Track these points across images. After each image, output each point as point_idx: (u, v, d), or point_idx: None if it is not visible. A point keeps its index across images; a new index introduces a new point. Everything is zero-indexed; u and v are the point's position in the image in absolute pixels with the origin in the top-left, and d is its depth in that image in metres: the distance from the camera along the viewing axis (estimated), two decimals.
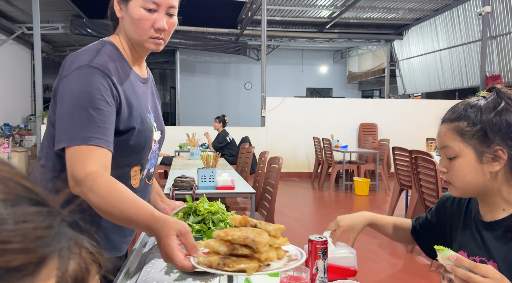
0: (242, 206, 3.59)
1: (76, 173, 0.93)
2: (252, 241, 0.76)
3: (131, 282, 1.22)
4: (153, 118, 1.20)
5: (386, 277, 3.13)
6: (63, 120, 0.98)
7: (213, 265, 0.79)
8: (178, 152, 6.07)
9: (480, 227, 1.00)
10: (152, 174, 1.29)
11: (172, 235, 0.86)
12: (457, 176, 0.96)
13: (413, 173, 3.98)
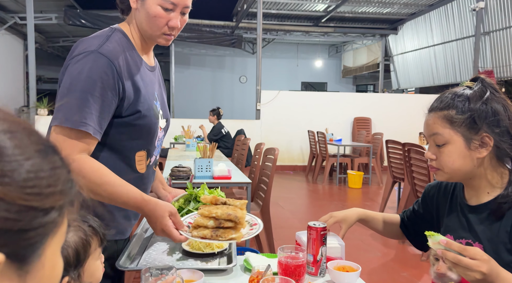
0: (237, 196, 3.63)
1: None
2: (235, 217, 1.02)
3: (134, 263, 1.26)
4: (159, 106, 1.23)
5: (378, 266, 3.20)
6: (61, 101, 1.01)
7: (207, 236, 1.02)
8: (173, 144, 6.08)
9: (466, 211, 1.06)
10: (157, 161, 1.31)
11: (166, 216, 1.05)
12: (446, 162, 0.99)
13: (405, 165, 4.05)
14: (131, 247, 1.31)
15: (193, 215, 1.23)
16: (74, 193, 0.38)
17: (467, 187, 1.07)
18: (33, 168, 0.33)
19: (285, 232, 3.85)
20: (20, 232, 0.32)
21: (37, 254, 0.34)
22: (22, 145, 0.33)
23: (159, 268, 0.94)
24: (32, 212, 0.32)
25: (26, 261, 0.33)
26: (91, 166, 1.01)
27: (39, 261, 0.34)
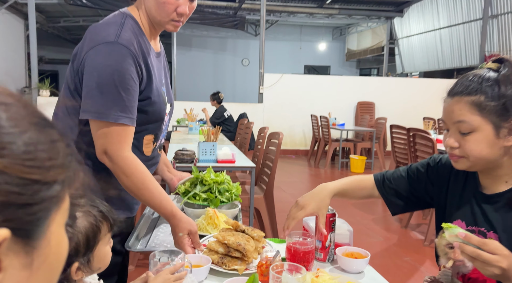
0: (241, 180, 3.62)
1: (111, 152, 1.06)
2: (243, 249, 1.03)
3: (142, 244, 1.26)
4: (165, 92, 1.25)
5: (380, 251, 3.21)
6: (93, 94, 1.03)
7: (214, 262, 1.05)
8: (175, 127, 6.06)
9: (480, 200, 1.02)
10: (162, 144, 1.32)
11: (185, 234, 1.12)
12: (472, 151, 0.93)
13: (410, 151, 4.03)
14: (139, 228, 1.31)
15: (211, 237, 1.25)
16: (74, 168, 0.38)
17: (484, 175, 1.02)
18: (31, 140, 0.32)
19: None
20: (24, 206, 0.31)
21: (42, 230, 0.34)
22: (17, 117, 0.33)
23: (167, 252, 0.93)
24: (34, 185, 0.32)
25: (32, 237, 0.33)
26: (136, 168, 1.08)
27: (45, 237, 0.35)
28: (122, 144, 1.07)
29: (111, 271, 1.18)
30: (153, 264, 0.88)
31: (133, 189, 1.09)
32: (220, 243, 1.07)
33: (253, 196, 2.84)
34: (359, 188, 1.23)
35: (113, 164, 1.07)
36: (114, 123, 1.05)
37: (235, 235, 1.08)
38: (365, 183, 1.24)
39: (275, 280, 0.87)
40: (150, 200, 1.10)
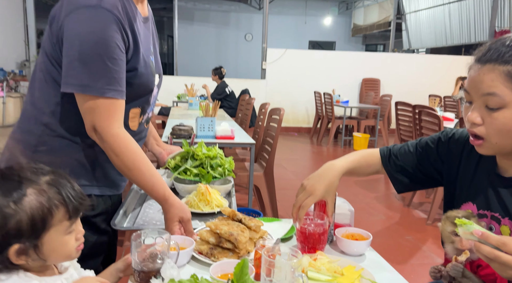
0: (241, 157, 3.55)
1: (100, 129, 0.98)
2: (234, 239, 0.94)
3: (130, 221, 1.19)
4: (154, 61, 1.15)
5: (382, 229, 3.17)
6: (75, 65, 0.94)
7: (203, 253, 0.97)
8: (176, 103, 5.95)
9: (496, 182, 0.92)
10: (150, 118, 1.23)
11: (175, 221, 1.03)
12: (499, 129, 0.80)
13: (415, 128, 3.93)
14: (127, 204, 1.24)
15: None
16: None
17: (504, 158, 0.90)
18: None
19: (289, 194, 3.81)
20: None
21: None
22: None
23: (153, 232, 0.85)
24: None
25: None
26: (127, 147, 1.01)
27: None
28: (112, 120, 0.98)
29: (96, 251, 1.12)
30: (136, 246, 0.81)
31: (123, 169, 1.02)
32: (212, 233, 0.98)
33: (252, 174, 2.77)
34: (367, 164, 1.13)
35: (102, 142, 0.99)
36: (101, 97, 0.96)
37: (229, 224, 1.00)
38: (372, 159, 1.14)
39: (268, 265, 0.79)
40: (141, 181, 1.03)
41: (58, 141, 1.03)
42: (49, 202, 0.68)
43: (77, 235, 0.74)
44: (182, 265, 0.94)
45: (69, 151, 1.04)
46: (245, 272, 0.71)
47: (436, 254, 2.71)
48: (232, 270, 0.75)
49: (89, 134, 1.00)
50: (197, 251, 0.98)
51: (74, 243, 0.73)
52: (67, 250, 0.72)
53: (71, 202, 0.71)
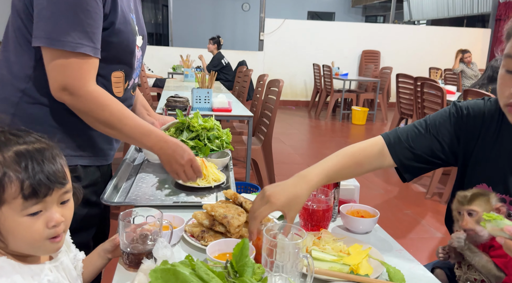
0: (238, 130, 3.47)
1: (72, 88, 0.88)
2: (227, 222, 0.87)
3: (121, 196, 1.11)
4: (135, 20, 1.05)
5: (381, 203, 3.14)
6: (43, 15, 0.84)
7: (194, 235, 0.90)
8: (171, 74, 5.80)
9: None
10: (136, 85, 1.14)
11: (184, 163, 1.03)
12: None
13: (416, 101, 3.84)
14: (117, 178, 1.17)
15: None
16: None
17: None
18: None
19: (287, 168, 3.77)
20: None
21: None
22: None
23: (142, 211, 0.78)
24: None
25: None
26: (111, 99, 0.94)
27: None
28: (86, 78, 0.89)
29: (86, 225, 1.06)
30: (124, 226, 0.73)
31: (112, 123, 0.93)
32: (207, 215, 0.91)
33: (250, 147, 2.70)
34: (357, 164, 0.92)
35: (77, 100, 0.89)
36: (72, 52, 0.85)
37: (228, 207, 0.92)
38: (366, 154, 0.93)
39: (269, 244, 0.72)
40: (134, 129, 0.96)
41: (37, 109, 0.94)
42: (3, 173, 0.59)
43: (49, 223, 0.63)
44: (172, 246, 0.87)
45: (50, 120, 0.95)
46: (245, 253, 0.65)
47: (435, 228, 2.69)
48: (230, 249, 0.69)
49: (56, 95, 0.89)
50: (189, 234, 0.91)
51: (42, 230, 0.62)
52: (29, 236, 0.62)
53: (30, 178, 0.60)
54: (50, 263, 0.70)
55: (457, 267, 0.91)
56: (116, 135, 0.98)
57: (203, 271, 0.57)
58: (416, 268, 0.86)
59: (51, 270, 0.69)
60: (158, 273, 0.56)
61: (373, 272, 0.79)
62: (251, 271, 0.65)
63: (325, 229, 0.94)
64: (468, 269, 0.86)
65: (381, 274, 0.80)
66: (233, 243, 0.67)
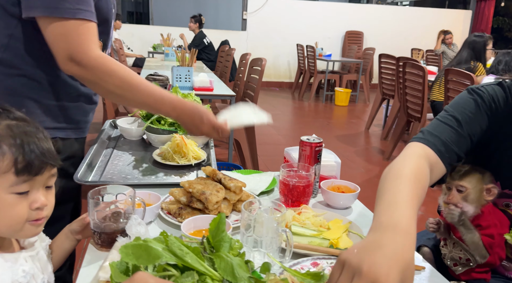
0: (220, 111, 3.42)
1: (78, 55, 0.84)
2: (205, 198, 0.84)
3: (95, 175, 1.07)
4: None
5: (362, 182, 3.18)
6: None
7: (171, 212, 0.87)
8: (151, 54, 5.65)
9: None
10: (110, 53, 1.10)
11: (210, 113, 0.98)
12: None
13: (398, 81, 3.86)
14: (92, 156, 1.12)
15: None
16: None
17: None
18: None
19: (269, 148, 3.76)
20: None
21: None
22: None
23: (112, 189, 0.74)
24: None
25: None
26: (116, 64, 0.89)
27: None
28: (88, 45, 0.85)
29: (65, 198, 1.02)
30: (93, 204, 0.70)
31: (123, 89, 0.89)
32: (185, 192, 0.89)
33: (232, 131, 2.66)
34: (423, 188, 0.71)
35: (85, 70, 0.86)
36: (73, 18, 0.83)
37: (206, 184, 0.90)
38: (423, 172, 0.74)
39: (247, 220, 0.70)
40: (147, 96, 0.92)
41: (14, 80, 0.90)
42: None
43: (34, 204, 0.60)
44: (148, 223, 0.84)
45: (27, 91, 0.92)
46: (221, 228, 0.62)
47: None
48: (207, 226, 0.66)
49: (64, 68, 0.86)
50: (166, 211, 0.88)
51: (25, 211, 0.59)
52: (11, 216, 0.58)
53: (25, 153, 0.56)
54: (26, 252, 0.67)
55: (443, 245, 0.91)
56: (129, 102, 0.96)
57: (176, 246, 0.55)
58: None
59: (26, 259, 0.66)
60: (129, 249, 0.53)
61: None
62: (228, 246, 0.63)
63: (306, 205, 0.93)
64: (454, 247, 0.86)
65: None
66: (209, 220, 0.64)
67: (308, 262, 0.72)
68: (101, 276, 0.59)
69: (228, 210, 0.89)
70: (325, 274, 0.60)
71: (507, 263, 0.85)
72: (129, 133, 1.34)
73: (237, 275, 0.55)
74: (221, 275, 0.55)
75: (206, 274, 0.55)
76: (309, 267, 0.70)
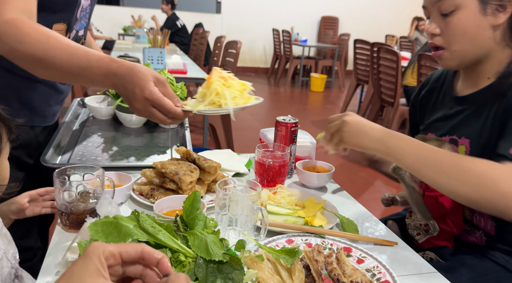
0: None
1: None
2: (178, 179, 0.82)
3: (64, 157, 1.03)
4: None
5: (336, 166, 3.21)
6: None
7: (143, 193, 0.84)
8: (122, 36, 5.46)
9: (452, 104, 0.91)
10: (81, 38, 1.03)
11: (151, 81, 0.73)
12: (455, 34, 0.80)
13: (372, 67, 3.90)
14: (59, 137, 1.07)
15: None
16: None
17: (466, 74, 0.89)
18: None
19: (245, 134, 3.74)
20: None
21: None
22: None
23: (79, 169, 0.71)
24: None
25: None
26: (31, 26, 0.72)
27: None
28: (5, 6, 0.72)
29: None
30: (60, 184, 0.67)
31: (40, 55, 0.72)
32: (157, 172, 0.86)
33: None
34: None
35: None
36: None
37: (180, 164, 0.87)
38: None
39: (222, 199, 0.69)
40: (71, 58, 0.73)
41: None
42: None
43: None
44: (119, 205, 0.81)
45: None
46: (196, 206, 0.61)
47: (386, 188, 2.81)
48: (180, 206, 0.65)
49: None
50: (138, 192, 0.86)
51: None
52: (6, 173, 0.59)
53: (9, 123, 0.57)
54: None
55: (408, 217, 0.94)
56: (51, 75, 0.77)
57: (148, 223, 0.53)
58: (369, 219, 0.87)
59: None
60: (98, 226, 0.51)
61: (327, 223, 0.79)
62: (203, 224, 0.61)
63: (281, 185, 0.93)
64: (416, 217, 0.90)
65: (335, 225, 0.80)
66: (183, 199, 0.63)
67: (283, 239, 0.72)
68: (70, 257, 0.57)
69: (202, 191, 0.87)
70: (299, 250, 0.60)
71: (468, 227, 0.89)
72: (98, 112, 1.28)
73: (212, 251, 0.54)
74: (194, 252, 0.54)
75: (180, 251, 0.53)
76: (284, 244, 0.70)
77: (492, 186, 0.66)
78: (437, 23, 0.82)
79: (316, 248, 0.67)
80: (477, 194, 0.67)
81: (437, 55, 0.85)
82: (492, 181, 0.66)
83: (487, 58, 0.82)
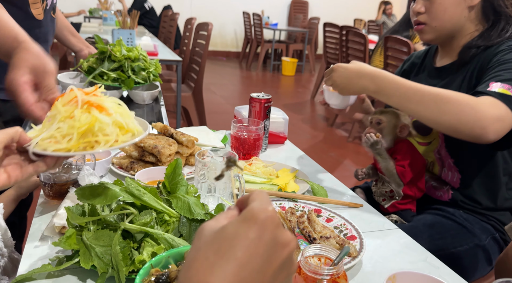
0: (166, 78, 3.33)
1: None
2: (157, 152, 0.86)
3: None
4: None
5: (308, 147, 3.32)
6: None
7: (123, 167, 0.88)
8: (88, 18, 5.26)
9: (433, 74, 1.02)
10: (55, 5, 1.03)
11: (24, 67, 0.60)
12: (437, 12, 0.93)
13: (341, 50, 3.99)
14: None
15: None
16: None
17: (443, 49, 1.03)
18: None
19: (218, 117, 3.76)
20: None
21: None
22: None
23: None
24: None
25: None
26: None
27: None
28: None
29: None
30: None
31: None
32: (136, 146, 0.89)
33: (180, 94, 2.62)
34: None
35: None
36: None
37: (158, 138, 0.91)
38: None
39: (201, 167, 0.73)
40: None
41: None
42: None
43: None
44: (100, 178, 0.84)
45: None
46: (178, 172, 0.65)
47: (355, 166, 2.94)
48: (161, 177, 0.68)
49: None
50: (117, 165, 0.89)
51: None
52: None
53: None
54: None
55: (374, 185, 1.02)
56: None
57: (134, 187, 0.57)
58: (337, 186, 0.94)
59: None
60: (85, 190, 0.54)
61: (299, 189, 0.85)
62: (185, 189, 0.65)
63: (256, 157, 0.98)
64: (383, 185, 0.97)
65: (306, 191, 0.86)
66: (163, 170, 0.66)
67: None
68: (56, 222, 0.59)
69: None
70: None
71: (437, 184, 0.99)
72: None
73: (194, 211, 0.58)
74: (178, 213, 0.58)
75: (164, 212, 0.57)
76: None
77: (470, 112, 0.76)
78: (422, 3, 0.95)
79: (290, 210, 0.72)
80: (457, 121, 0.76)
81: (419, 29, 0.98)
82: (471, 107, 0.76)
83: (461, 34, 0.95)
